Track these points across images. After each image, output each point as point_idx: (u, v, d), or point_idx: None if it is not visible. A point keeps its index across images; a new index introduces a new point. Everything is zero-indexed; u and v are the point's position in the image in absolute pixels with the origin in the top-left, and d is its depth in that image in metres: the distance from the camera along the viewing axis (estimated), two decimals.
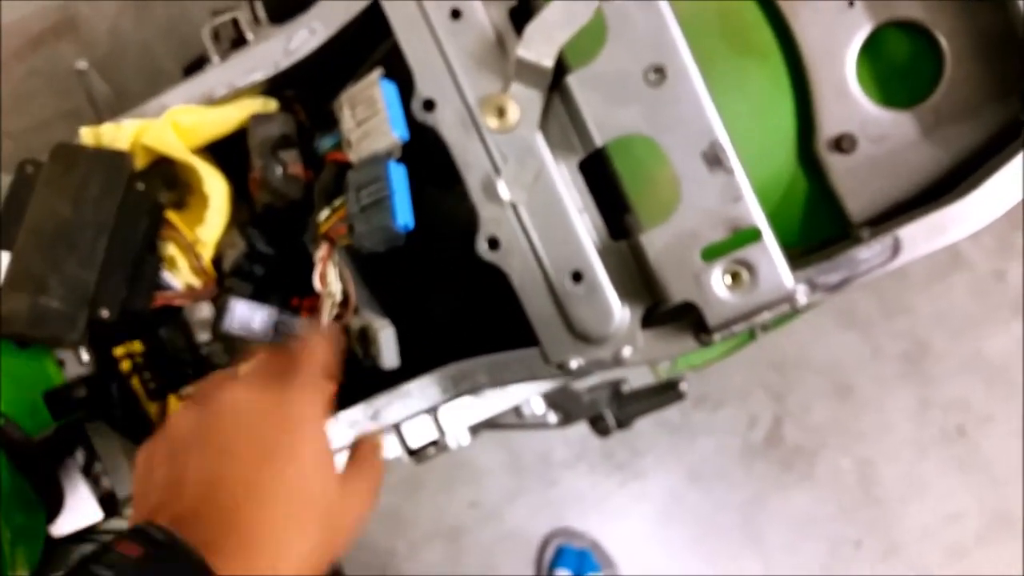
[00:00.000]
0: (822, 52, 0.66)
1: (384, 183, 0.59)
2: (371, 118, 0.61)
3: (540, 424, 0.87)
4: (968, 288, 1.55)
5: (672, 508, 1.50)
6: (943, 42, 0.65)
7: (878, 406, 1.52)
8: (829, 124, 0.67)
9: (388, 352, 0.65)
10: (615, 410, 0.90)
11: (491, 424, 0.82)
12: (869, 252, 0.60)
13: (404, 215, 0.59)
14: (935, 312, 1.54)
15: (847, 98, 0.66)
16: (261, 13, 0.75)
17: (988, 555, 1.48)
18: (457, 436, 0.75)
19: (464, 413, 0.72)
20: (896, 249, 0.60)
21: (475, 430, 0.77)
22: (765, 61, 0.68)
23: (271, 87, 0.70)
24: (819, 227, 0.69)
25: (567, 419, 0.89)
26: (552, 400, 0.86)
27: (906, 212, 0.64)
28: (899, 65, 0.67)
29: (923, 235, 0.59)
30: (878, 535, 1.49)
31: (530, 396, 0.76)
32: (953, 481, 1.50)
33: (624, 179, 0.66)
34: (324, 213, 0.63)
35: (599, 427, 0.91)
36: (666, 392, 0.88)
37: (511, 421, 0.84)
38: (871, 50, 0.67)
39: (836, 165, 0.67)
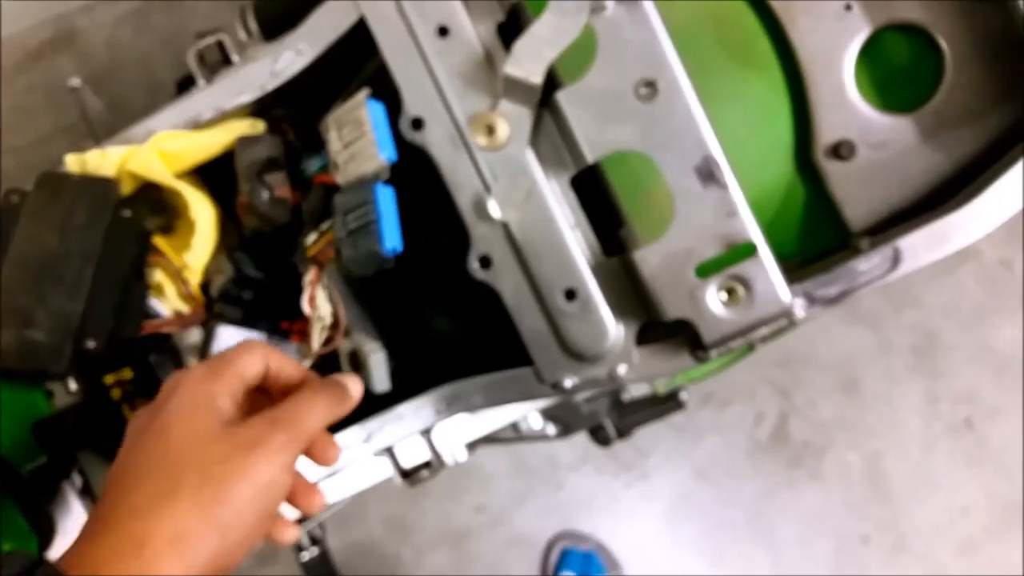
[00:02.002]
0: (820, 58, 0.65)
1: (371, 207, 0.57)
2: (358, 140, 0.60)
3: (539, 437, 0.86)
4: (976, 279, 1.53)
5: (679, 507, 1.49)
6: (943, 44, 0.64)
7: (886, 400, 1.51)
8: (827, 131, 0.65)
9: (379, 375, 0.64)
10: (615, 420, 0.89)
11: (489, 439, 0.81)
12: (868, 264, 0.59)
13: (392, 239, 0.58)
14: (943, 304, 1.53)
15: (845, 104, 0.65)
16: (253, 26, 0.74)
17: (998, 547, 1.47)
18: (454, 453, 0.74)
19: (461, 430, 0.71)
20: (896, 260, 0.58)
21: (473, 446, 0.76)
22: (763, 69, 0.66)
23: (259, 108, 0.68)
24: (819, 236, 0.67)
25: (567, 430, 0.88)
26: (550, 413, 0.85)
27: (907, 220, 0.63)
28: (898, 69, 0.65)
29: (924, 245, 0.58)
30: (887, 530, 1.48)
31: (527, 412, 0.75)
32: (962, 474, 1.48)
33: (619, 194, 0.64)
34: (312, 237, 0.62)
35: (599, 437, 0.91)
36: (666, 402, 0.87)
37: (509, 436, 0.83)
38: (870, 54, 0.65)
39: (835, 173, 0.65)
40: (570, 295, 0.61)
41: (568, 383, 0.63)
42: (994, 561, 1.47)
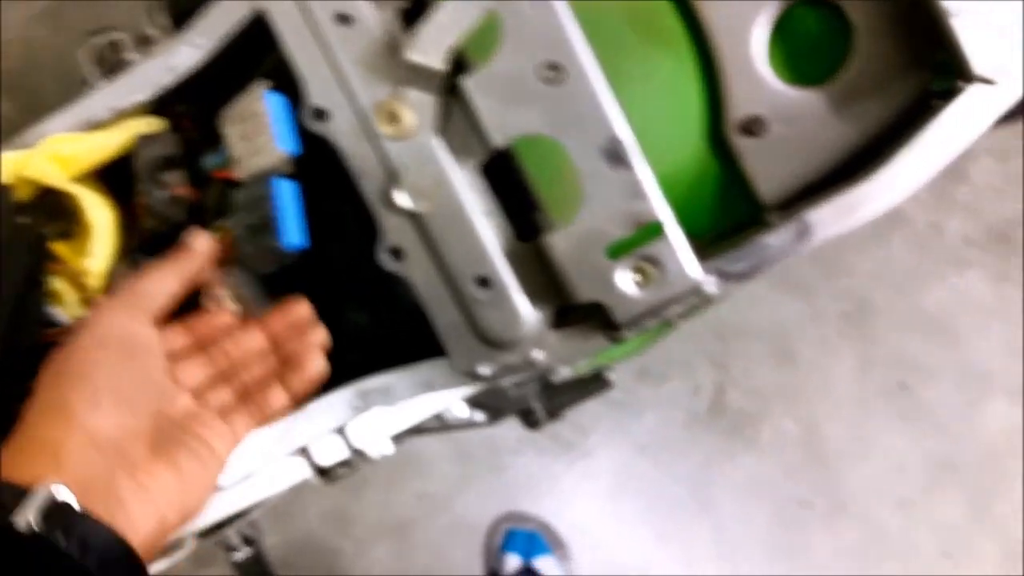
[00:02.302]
0: (729, 34, 0.64)
1: (269, 202, 0.56)
2: (256, 134, 0.58)
3: (467, 425, 0.85)
4: (906, 243, 1.56)
5: (621, 483, 1.50)
6: (851, 15, 0.63)
7: (820, 367, 1.53)
8: (738, 107, 0.65)
9: None
10: (544, 402, 0.88)
11: (416, 431, 0.80)
12: (778, 238, 0.58)
13: (292, 234, 0.56)
14: (874, 270, 1.55)
15: (756, 79, 0.64)
16: (163, 21, 0.71)
17: (935, 505, 1.51)
18: (379, 446, 0.72)
19: (381, 424, 0.70)
20: (805, 233, 0.58)
21: (399, 438, 0.75)
22: (672, 47, 0.66)
23: (159, 105, 0.66)
24: (732, 212, 0.67)
25: (495, 416, 0.87)
26: (477, 400, 0.84)
27: (819, 193, 0.63)
28: (808, 42, 0.65)
29: (832, 217, 0.58)
30: (827, 494, 1.51)
31: (451, 402, 0.73)
32: (897, 436, 1.52)
33: (532, 177, 0.63)
34: (219, 233, 0.60)
35: (529, 420, 0.90)
36: (594, 382, 0.87)
37: (435, 426, 0.82)
38: (779, 29, 0.65)
39: (746, 149, 0.65)
40: (483, 282, 0.60)
41: (484, 371, 0.62)
42: (930, 516, 1.50)
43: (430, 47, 0.56)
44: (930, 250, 1.55)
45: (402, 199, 0.59)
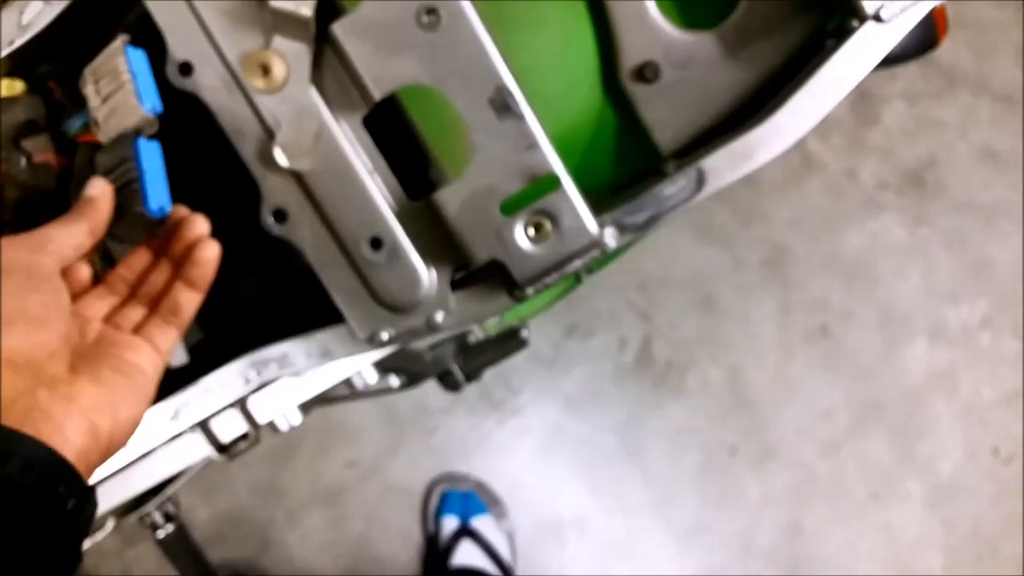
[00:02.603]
0: None
1: (132, 164, 0.52)
2: (117, 92, 0.54)
3: (383, 391, 0.83)
4: (822, 189, 1.57)
5: (552, 439, 1.50)
6: None
7: (742, 314, 1.54)
8: (631, 54, 0.63)
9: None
10: (462, 364, 0.87)
11: (325, 399, 0.78)
12: (674, 187, 0.57)
13: (158, 197, 0.52)
14: (791, 216, 1.56)
15: (647, 24, 0.62)
16: None
17: (860, 445, 1.54)
18: (286, 416, 0.70)
19: (286, 394, 0.68)
20: (701, 181, 0.57)
21: (307, 408, 0.73)
22: None
23: (19, 65, 0.61)
24: (631, 161, 0.65)
25: (412, 380, 0.85)
26: (391, 365, 0.82)
27: (717, 138, 0.62)
28: None
29: (727, 164, 0.57)
30: (753, 439, 1.53)
31: (360, 368, 0.71)
32: (820, 379, 1.54)
33: (420, 128, 0.61)
34: None
35: (448, 383, 0.88)
36: (510, 341, 0.85)
37: (347, 393, 0.80)
38: None
39: (641, 96, 0.63)
40: (375, 244, 0.58)
41: (385, 335, 0.60)
42: (857, 458, 1.54)
43: None
44: (845, 195, 1.56)
45: (280, 157, 0.56)
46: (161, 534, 1.07)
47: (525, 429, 1.50)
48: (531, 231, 0.56)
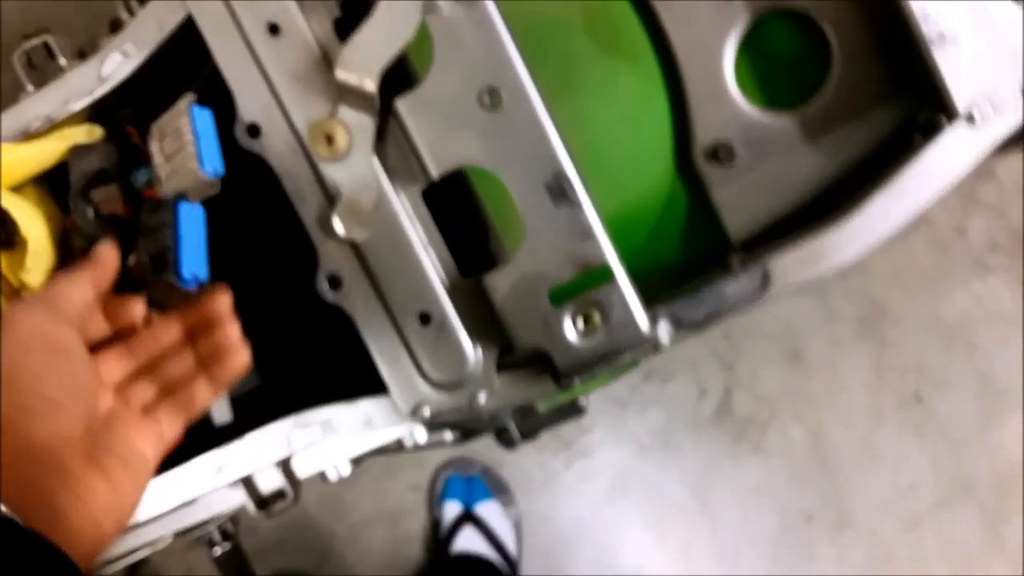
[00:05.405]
0: (696, 50, 0.59)
1: (171, 229, 0.52)
2: (179, 152, 0.54)
3: (434, 445, 0.82)
4: (927, 246, 1.49)
5: (621, 484, 1.47)
6: (830, 34, 0.58)
7: (831, 372, 1.47)
8: (706, 131, 0.60)
9: (218, 406, 0.59)
10: (519, 423, 0.85)
11: (379, 452, 0.77)
12: (737, 286, 0.54)
13: (191, 266, 0.52)
14: (892, 271, 1.48)
15: (724, 101, 0.60)
16: (136, 5, 0.68)
17: (944, 524, 1.45)
18: (337, 466, 0.70)
19: (335, 450, 0.67)
20: (766, 282, 0.54)
21: (358, 461, 0.72)
22: (636, 61, 0.61)
23: (102, 109, 0.63)
24: (697, 246, 0.62)
25: (466, 436, 0.84)
26: (446, 421, 0.81)
27: (791, 228, 0.58)
28: (781, 62, 0.60)
29: (795, 266, 0.53)
30: (832, 506, 1.46)
31: (404, 432, 0.70)
32: (908, 448, 1.45)
33: (486, 200, 0.59)
34: (132, 258, 0.57)
35: (503, 439, 0.87)
36: (570, 406, 0.83)
37: (396, 448, 0.79)
38: (750, 45, 0.60)
39: (714, 177, 0.60)
40: (424, 318, 0.57)
41: (427, 412, 0.59)
42: (940, 536, 1.44)
43: (359, 67, 0.51)
44: (952, 253, 1.47)
45: (338, 225, 0.55)
46: (217, 551, 1.08)
47: (593, 471, 1.47)
48: (579, 322, 0.53)
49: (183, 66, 0.61)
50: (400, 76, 0.55)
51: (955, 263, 1.48)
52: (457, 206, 0.59)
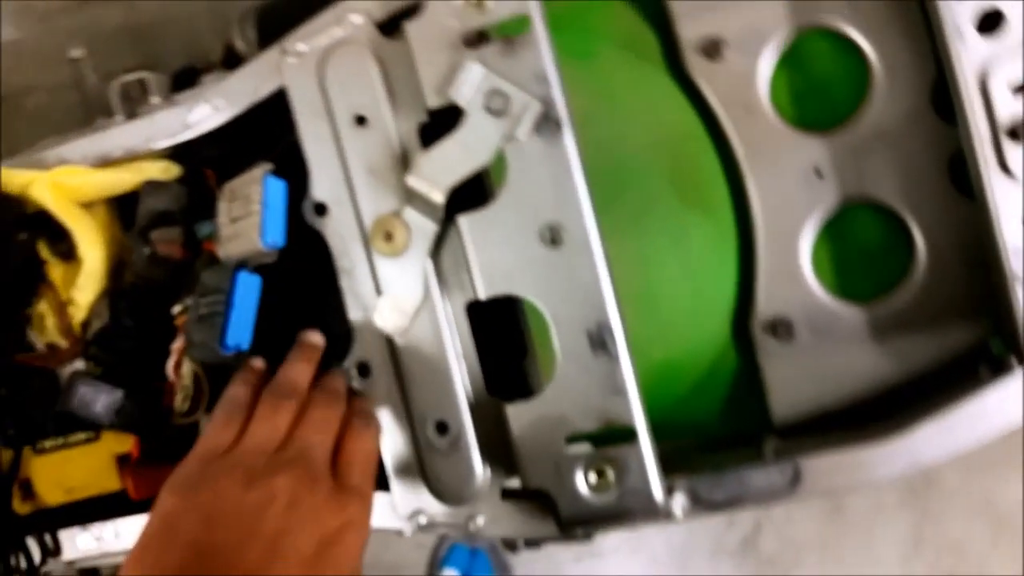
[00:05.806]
0: (777, 221, 0.58)
1: (224, 296, 0.52)
2: (244, 218, 0.55)
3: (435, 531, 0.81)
4: None
5: None
6: (917, 236, 0.56)
7: (867, 533, 1.41)
8: (769, 303, 0.58)
9: None
10: None
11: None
12: (765, 477, 0.52)
13: (237, 335, 0.52)
14: None
15: (795, 278, 0.58)
16: (252, 35, 0.70)
17: None
18: None
19: None
20: (796, 481, 0.51)
21: None
22: (712, 218, 0.60)
23: (182, 151, 0.64)
24: (735, 417, 0.60)
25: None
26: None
27: (834, 423, 0.56)
28: (863, 253, 0.58)
29: (828, 471, 0.51)
30: None
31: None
32: None
33: (532, 327, 0.58)
34: (178, 307, 0.58)
35: (507, 542, 0.85)
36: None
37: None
38: (834, 229, 0.58)
39: (769, 350, 0.58)
40: (441, 428, 0.56)
41: (423, 520, 0.58)
42: None
43: (431, 177, 0.52)
44: (1016, 440, 1.40)
45: (379, 318, 0.55)
46: None
47: (601, 573, 1.43)
48: (592, 475, 0.52)
49: (268, 128, 0.63)
50: (476, 189, 0.54)
51: (1017, 450, 1.41)
52: (502, 320, 0.58)
